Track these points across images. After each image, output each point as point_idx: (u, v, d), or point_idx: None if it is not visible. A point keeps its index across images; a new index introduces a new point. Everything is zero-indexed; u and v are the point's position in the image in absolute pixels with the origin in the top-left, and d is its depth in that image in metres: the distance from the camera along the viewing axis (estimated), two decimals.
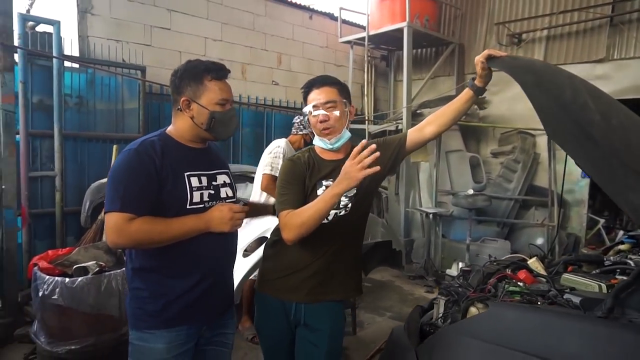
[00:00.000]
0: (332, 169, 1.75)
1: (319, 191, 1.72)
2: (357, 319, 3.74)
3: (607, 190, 1.21)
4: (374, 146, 1.44)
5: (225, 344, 1.75)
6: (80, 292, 2.56)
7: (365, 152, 1.43)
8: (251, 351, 3.19)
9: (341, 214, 1.73)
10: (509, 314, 1.39)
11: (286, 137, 3.49)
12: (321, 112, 1.70)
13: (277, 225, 1.78)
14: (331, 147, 1.74)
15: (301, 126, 3.50)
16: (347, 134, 1.74)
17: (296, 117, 3.60)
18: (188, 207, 1.52)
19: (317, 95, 1.72)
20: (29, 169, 3.81)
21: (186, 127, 1.59)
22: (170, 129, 1.62)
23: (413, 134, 1.81)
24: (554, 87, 1.51)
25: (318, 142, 1.77)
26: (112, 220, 1.41)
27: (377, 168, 1.42)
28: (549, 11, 5.76)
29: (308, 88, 1.77)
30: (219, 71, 1.56)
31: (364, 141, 1.49)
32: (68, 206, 4.05)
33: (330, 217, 1.72)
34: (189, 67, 1.56)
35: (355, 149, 1.47)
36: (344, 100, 1.74)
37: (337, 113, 1.70)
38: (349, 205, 1.74)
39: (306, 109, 1.75)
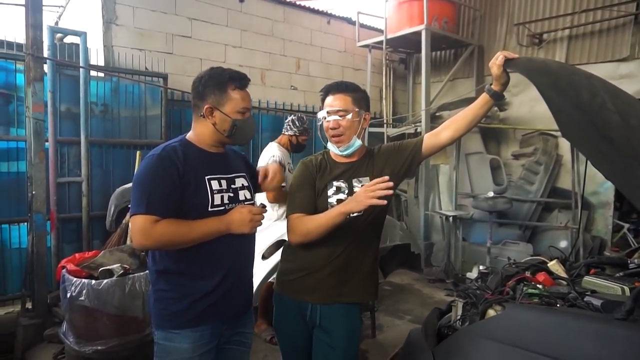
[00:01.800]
0: (344, 171, 1.79)
1: (330, 191, 1.77)
2: (376, 322, 3.74)
3: (623, 190, 1.20)
4: (390, 184, 1.52)
5: (244, 343, 1.80)
6: (106, 293, 2.64)
7: (382, 185, 1.51)
8: (271, 353, 3.22)
9: (354, 214, 1.75)
10: (525, 315, 1.39)
11: (275, 140, 3.54)
12: (332, 118, 1.74)
13: None
14: (340, 154, 1.78)
15: (288, 127, 3.51)
16: (357, 143, 1.77)
17: (287, 118, 3.62)
18: (210, 209, 1.57)
19: (331, 102, 1.77)
20: (57, 175, 3.95)
21: (207, 132, 1.64)
22: (190, 135, 1.68)
23: (429, 139, 1.82)
24: (570, 89, 1.50)
25: (330, 147, 1.81)
26: (138, 223, 1.47)
27: (384, 202, 1.53)
28: (571, 10, 5.65)
29: (325, 93, 1.81)
30: (241, 80, 1.62)
31: (386, 177, 1.56)
32: (94, 211, 4.18)
33: None
34: (213, 75, 1.60)
35: (377, 180, 1.55)
36: (357, 109, 1.76)
37: (345, 122, 1.74)
38: None
39: (320, 114, 1.79)
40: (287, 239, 1.95)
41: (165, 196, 1.50)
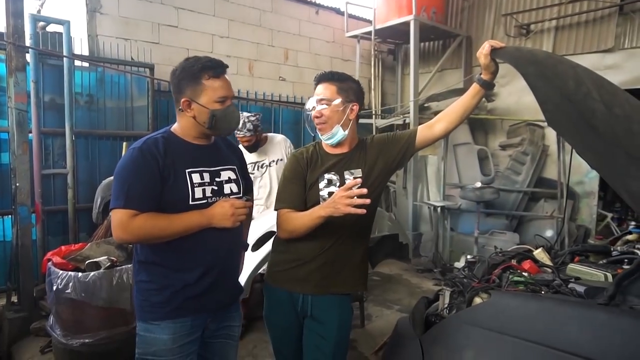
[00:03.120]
0: (335, 162, 1.79)
1: (321, 184, 1.76)
2: (365, 312, 3.77)
3: (607, 178, 1.22)
4: (364, 190, 1.50)
5: (231, 337, 1.79)
6: (93, 286, 2.62)
7: (356, 192, 1.49)
8: (260, 343, 3.23)
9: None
10: (511, 302, 1.41)
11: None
12: (317, 107, 1.75)
13: None
14: (326, 142, 1.78)
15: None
16: (340, 132, 1.75)
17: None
18: (190, 203, 1.56)
19: (317, 91, 1.78)
20: (41, 166, 3.87)
21: (189, 126, 1.62)
22: (175, 127, 1.65)
23: (423, 131, 1.81)
24: (556, 78, 1.51)
25: (319, 136, 1.82)
26: (117, 217, 1.46)
27: (363, 211, 1.50)
28: (558, 1, 5.69)
29: (315, 83, 1.81)
30: (216, 68, 1.56)
31: (358, 179, 1.58)
32: (80, 203, 4.13)
33: None
34: (186, 67, 1.57)
35: (348, 184, 1.54)
36: (341, 98, 1.74)
37: (327, 111, 1.73)
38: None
39: (307, 104, 1.79)
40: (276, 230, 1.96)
41: (144, 190, 1.49)
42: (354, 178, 1.67)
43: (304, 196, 1.76)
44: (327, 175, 1.76)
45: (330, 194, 1.72)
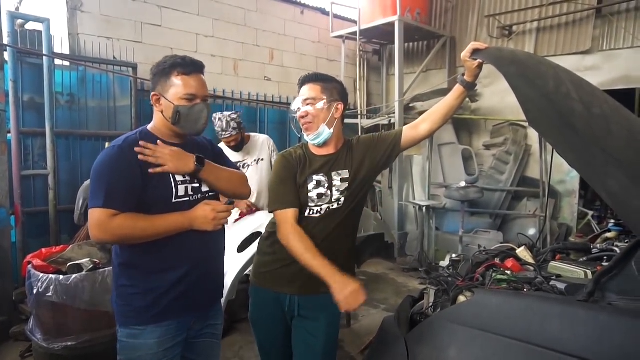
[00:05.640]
0: (323, 164, 1.79)
1: (310, 185, 1.75)
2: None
3: (585, 176, 1.24)
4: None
5: (215, 335, 1.78)
6: (75, 289, 2.58)
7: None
8: (246, 345, 3.22)
9: (333, 207, 1.76)
10: (493, 300, 1.43)
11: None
12: (302, 108, 1.76)
13: (272, 219, 1.82)
14: (312, 142, 1.78)
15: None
16: (326, 131, 1.75)
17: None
18: (174, 200, 1.54)
19: (301, 92, 1.78)
20: (21, 167, 3.80)
21: (159, 122, 1.61)
22: (150, 126, 1.64)
23: (408, 132, 1.83)
24: (537, 78, 1.53)
25: (305, 138, 1.81)
26: (95, 216, 1.42)
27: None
28: (539, 3, 5.78)
29: (299, 85, 1.82)
30: (186, 66, 1.55)
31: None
32: (61, 204, 4.05)
33: (322, 211, 1.75)
34: (160, 63, 1.58)
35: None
36: (325, 98, 1.75)
37: (313, 110, 1.74)
38: (342, 199, 1.76)
39: (292, 106, 1.79)
40: (262, 231, 1.95)
41: (124, 189, 1.45)
42: (341, 179, 1.70)
43: (297, 195, 1.75)
44: (315, 177, 1.76)
45: (319, 195, 1.73)
